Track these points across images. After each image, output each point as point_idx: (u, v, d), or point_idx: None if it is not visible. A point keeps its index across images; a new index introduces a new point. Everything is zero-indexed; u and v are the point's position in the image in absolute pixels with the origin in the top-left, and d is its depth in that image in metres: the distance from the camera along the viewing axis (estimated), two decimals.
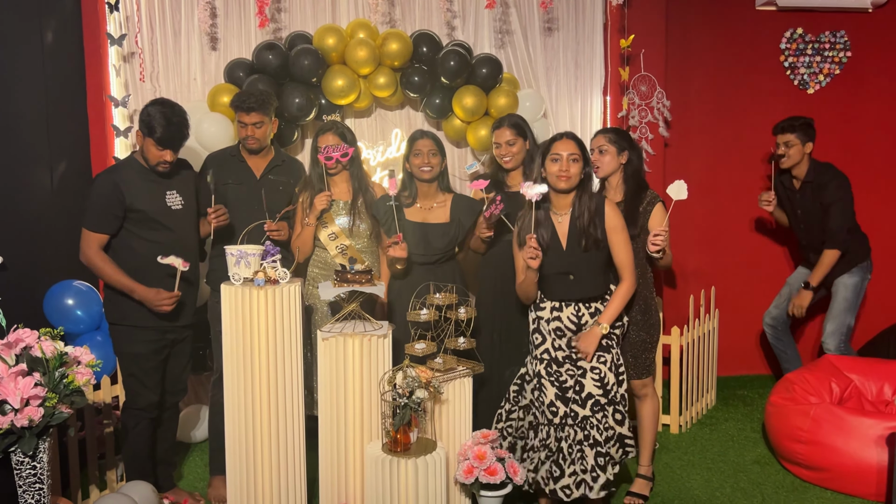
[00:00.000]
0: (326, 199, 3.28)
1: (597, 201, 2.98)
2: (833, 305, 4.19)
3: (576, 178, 2.94)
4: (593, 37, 4.50)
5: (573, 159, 2.93)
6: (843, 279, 4.15)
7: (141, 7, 4.02)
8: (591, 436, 2.90)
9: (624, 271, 2.99)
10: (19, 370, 2.39)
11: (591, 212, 2.95)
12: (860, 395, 3.79)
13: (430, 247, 3.30)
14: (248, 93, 3.38)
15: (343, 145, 3.32)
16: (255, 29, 4.12)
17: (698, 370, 4.28)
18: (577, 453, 2.90)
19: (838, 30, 4.88)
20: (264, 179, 3.38)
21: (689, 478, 3.53)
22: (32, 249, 3.36)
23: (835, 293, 4.19)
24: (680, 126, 4.78)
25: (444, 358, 3.00)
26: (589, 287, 3.00)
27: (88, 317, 3.41)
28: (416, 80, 4.00)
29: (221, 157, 3.42)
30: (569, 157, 2.93)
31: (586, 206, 2.96)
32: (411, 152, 3.34)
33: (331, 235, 3.36)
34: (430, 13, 4.30)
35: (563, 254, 2.98)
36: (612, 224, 2.97)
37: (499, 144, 3.39)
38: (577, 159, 2.94)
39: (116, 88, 4.04)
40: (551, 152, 2.95)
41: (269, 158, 3.43)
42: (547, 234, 2.99)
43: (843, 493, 3.34)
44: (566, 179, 2.92)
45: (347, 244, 3.32)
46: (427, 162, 3.29)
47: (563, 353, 2.99)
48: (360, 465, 2.94)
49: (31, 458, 2.46)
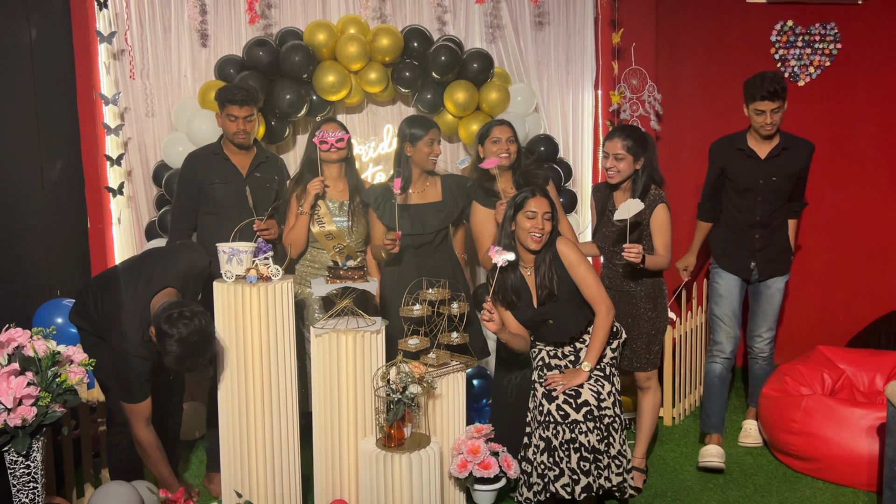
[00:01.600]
0: (319, 184, 3.26)
1: (552, 249, 3.01)
2: (770, 307, 3.73)
3: (547, 236, 2.98)
4: (584, 31, 4.49)
5: (547, 218, 2.96)
6: (779, 282, 3.70)
7: (130, 4, 4.00)
8: (577, 439, 2.88)
9: (595, 303, 3.01)
10: (12, 370, 2.39)
11: (547, 263, 2.99)
12: (852, 386, 3.82)
13: (426, 225, 3.32)
14: (237, 86, 3.37)
15: (340, 131, 3.30)
16: (245, 25, 4.10)
17: (691, 362, 4.30)
18: (564, 453, 2.89)
19: (828, 22, 4.89)
20: (251, 177, 3.36)
21: (683, 469, 3.55)
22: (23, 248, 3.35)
23: (771, 295, 3.71)
24: (671, 119, 4.79)
25: (437, 353, 3.01)
26: (570, 326, 3.06)
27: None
28: (408, 76, 4.00)
29: (203, 156, 3.39)
30: (543, 216, 2.95)
31: (542, 259, 3.00)
32: (422, 140, 3.28)
33: (328, 235, 3.34)
34: (420, 8, 4.30)
35: (536, 305, 3.04)
36: (569, 262, 3.00)
37: (498, 140, 3.32)
38: (549, 217, 2.97)
39: (106, 86, 4.02)
40: (526, 208, 2.96)
41: (252, 155, 3.40)
42: (518, 287, 3.03)
43: (835, 482, 3.36)
44: (538, 241, 2.96)
45: (345, 244, 3.31)
46: (437, 151, 3.32)
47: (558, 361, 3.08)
48: (354, 461, 2.95)
49: (25, 457, 2.46)
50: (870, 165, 5.01)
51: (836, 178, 5.02)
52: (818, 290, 5.09)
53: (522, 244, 3.00)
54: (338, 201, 3.39)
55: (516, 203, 3.00)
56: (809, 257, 5.10)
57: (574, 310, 3.04)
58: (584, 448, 2.86)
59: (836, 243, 5.07)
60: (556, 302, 3.00)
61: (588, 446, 2.86)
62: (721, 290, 3.71)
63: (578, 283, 3.00)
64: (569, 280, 3.00)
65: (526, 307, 3.05)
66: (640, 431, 3.36)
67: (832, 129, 4.98)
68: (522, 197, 2.99)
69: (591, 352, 2.99)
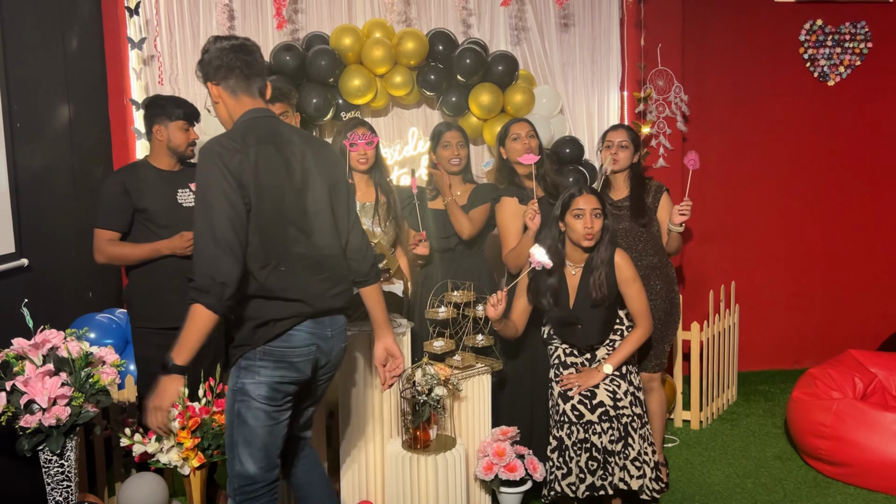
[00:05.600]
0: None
1: (609, 255, 2.93)
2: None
3: (599, 234, 2.90)
4: (609, 32, 4.48)
5: (596, 214, 2.88)
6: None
7: (160, 11, 4.07)
8: (589, 440, 2.86)
9: (639, 318, 2.98)
10: (46, 370, 2.44)
11: (601, 269, 2.91)
12: (884, 391, 3.75)
13: (449, 229, 3.32)
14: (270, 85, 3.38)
15: (369, 134, 3.29)
16: (272, 30, 4.15)
17: (719, 365, 4.26)
18: (575, 452, 2.87)
19: (859, 20, 4.82)
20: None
21: (710, 473, 3.51)
22: (56, 253, 3.42)
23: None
24: (698, 120, 4.75)
25: (462, 355, 3.01)
26: (595, 336, 3.02)
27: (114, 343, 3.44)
28: (433, 79, 4.02)
29: None
30: (592, 213, 2.87)
31: (600, 261, 2.92)
32: (439, 144, 3.34)
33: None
34: (445, 11, 4.31)
35: (572, 307, 2.99)
36: (625, 276, 2.93)
37: (518, 136, 3.32)
38: (599, 214, 2.89)
39: (137, 92, 4.09)
40: (573, 207, 2.89)
41: None
42: (556, 288, 2.97)
43: (867, 488, 3.31)
44: (590, 238, 2.88)
45: (375, 243, 3.29)
46: (456, 154, 3.33)
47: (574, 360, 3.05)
48: (380, 463, 2.96)
49: (59, 456, 2.51)
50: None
51: (867, 180, 4.95)
52: (849, 293, 5.02)
53: (575, 243, 2.94)
54: (360, 203, 3.39)
55: (563, 203, 2.94)
56: (840, 260, 5.03)
57: (605, 321, 3.01)
58: (594, 448, 2.84)
59: (867, 246, 4.99)
60: (593, 309, 2.96)
61: (599, 447, 2.84)
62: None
63: (628, 298, 2.96)
64: (613, 292, 2.95)
65: (561, 307, 3.01)
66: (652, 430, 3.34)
67: (863, 129, 4.91)
68: (569, 195, 2.93)
69: (616, 357, 2.95)
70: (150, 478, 2.92)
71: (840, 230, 4.98)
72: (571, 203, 2.91)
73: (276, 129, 2.20)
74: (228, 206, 2.01)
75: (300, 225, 2.17)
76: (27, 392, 2.39)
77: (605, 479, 2.84)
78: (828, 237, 5.00)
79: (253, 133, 2.13)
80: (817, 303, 5.03)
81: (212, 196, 2.01)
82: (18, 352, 2.47)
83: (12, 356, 2.45)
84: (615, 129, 3.38)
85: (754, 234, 4.97)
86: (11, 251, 2.96)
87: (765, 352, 5.01)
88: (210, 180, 2.02)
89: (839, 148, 4.90)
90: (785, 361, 5.06)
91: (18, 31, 3.13)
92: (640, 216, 3.27)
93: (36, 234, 3.17)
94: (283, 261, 2.12)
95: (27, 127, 3.16)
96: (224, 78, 2.18)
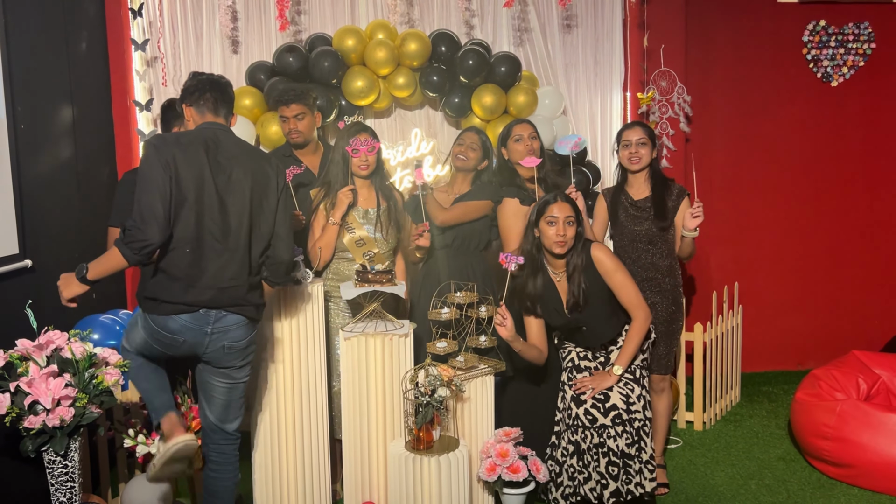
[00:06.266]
0: (351, 193, 3.20)
1: (584, 255, 2.96)
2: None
3: (571, 241, 2.94)
4: (612, 33, 4.48)
5: (569, 222, 2.92)
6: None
7: (163, 12, 4.08)
8: (605, 444, 2.87)
9: (633, 310, 2.97)
10: (50, 371, 2.44)
11: (579, 269, 2.94)
12: (888, 392, 3.74)
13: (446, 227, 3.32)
14: (285, 88, 3.39)
15: (371, 140, 3.27)
16: (275, 32, 4.16)
17: (722, 366, 4.25)
18: (593, 457, 2.88)
19: (862, 21, 4.81)
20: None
21: (714, 474, 3.51)
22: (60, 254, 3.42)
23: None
24: (701, 121, 4.75)
25: (465, 356, 3.01)
26: (604, 333, 3.03)
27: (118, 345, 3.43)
28: (436, 80, 4.02)
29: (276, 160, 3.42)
30: (565, 220, 2.91)
31: (574, 265, 2.96)
32: (456, 141, 3.41)
33: (358, 242, 3.27)
34: (448, 12, 4.31)
35: (568, 312, 3.01)
36: (606, 268, 2.95)
37: (520, 137, 3.34)
38: (572, 222, 2.93)
39: (140, 93, 4.10)
40: (547, 214, 2.94)
41: (320, 154, 3.42)
42: (540, 294, 3.00)
43: (871, 490, 3.30)
44: (562, 245, 2.92)
45: (375, 251, 3.26)
46: (464, 151, 3.33)
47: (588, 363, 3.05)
48: (383, 464, 2.97)
49: (63, 457, 2.51)
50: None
51: (870, 181, 4.94)
52: (853, 294, 5.01)
53: (547, 249, 2.99)
54: (363, 209, 3.36)
55: (538, 209, 2.98)
56: (844, 261, 5.02)
57: (608, 316, 3.01)
58: (612, 453, 2.85)
59: (871, 246, 4.98)
60: (588, 309, 2.97)
61: (617, 451, 2.84)
62: None
63: (616, 290, 2.97)
64: (603, 287, 2.96)
65: (557, 314, 3.03)
66: (655, 432, 3.34)
67: (866, 130, 4.90)
68: (544, 202, 2.98)
69: (623, 356, 2.96)
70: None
71: (844, 231, 4.97)
72: (546, 210, 2.94)
73: (217, 137, 2.52)
74: (158, 184, 2.38)
75: (212, 217, 2.45)
76: (31, 393, 2.39)
77: (628, 482, 2.85)
78: (831, 238, 4.99)
79: (191, 136, 2.50)
80: (821, 304, 5.02)
81: (146, 175, 2.39)
82: (22, 353, 2.48)
83: (16, 357, 2.45)
84: (631, 128, 3.34)
85: (757, 234, 4.96)
86: (15, 252, 2.96)
87: (768, 353, 5.00)
88: (148, 163, 2.41)
89: (843, 149, 4.89)
90: (788, 362, 5.05)
91: (22, 33, 3.14)
92: (663, 218, 3.23)
93: (39, 236, 3.18)
94: (188, 245, 2.42)
95: (31, 129, 3.17)
96: (196, 101, 2.56)
